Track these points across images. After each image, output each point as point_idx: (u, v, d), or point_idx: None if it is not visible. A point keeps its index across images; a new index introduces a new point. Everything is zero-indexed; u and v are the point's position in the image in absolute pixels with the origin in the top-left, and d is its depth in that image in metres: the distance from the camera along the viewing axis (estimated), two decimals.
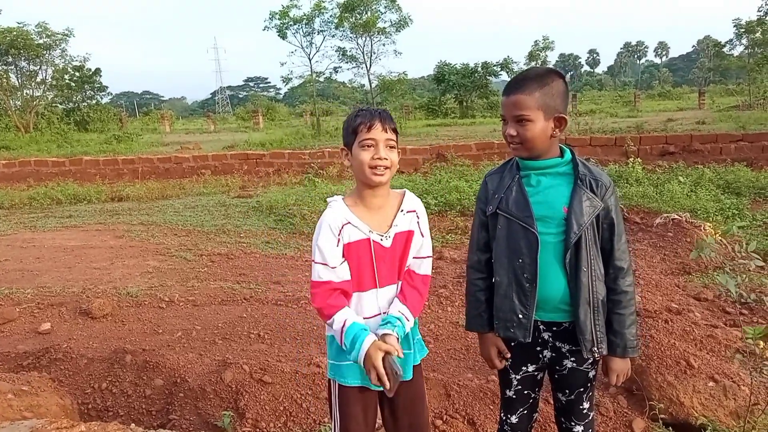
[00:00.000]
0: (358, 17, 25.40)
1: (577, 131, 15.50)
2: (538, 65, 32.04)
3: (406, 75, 29.63)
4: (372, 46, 26.89)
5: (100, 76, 34.45)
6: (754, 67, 27.38)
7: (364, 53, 27.01)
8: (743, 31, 28.62)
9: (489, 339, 2.01)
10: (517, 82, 1.84)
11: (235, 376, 3.24)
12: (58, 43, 29.30)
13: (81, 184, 13.52)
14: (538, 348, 1.95)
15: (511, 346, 1.98)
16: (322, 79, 30.69)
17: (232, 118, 45.95)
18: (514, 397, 2.05)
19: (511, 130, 1.84)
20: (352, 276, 1.88)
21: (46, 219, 9.82)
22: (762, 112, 20.85)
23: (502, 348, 1.99)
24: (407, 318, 1.91)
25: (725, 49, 36.31)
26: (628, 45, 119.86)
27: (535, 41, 45.33)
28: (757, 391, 2.83)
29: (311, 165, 13.71)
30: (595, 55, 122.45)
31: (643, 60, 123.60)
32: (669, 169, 10.68)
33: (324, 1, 24.86)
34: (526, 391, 2.04)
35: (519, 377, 2.01)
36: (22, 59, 28.94)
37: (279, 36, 25.01)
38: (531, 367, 2.00)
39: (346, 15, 25.02)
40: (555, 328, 1.91)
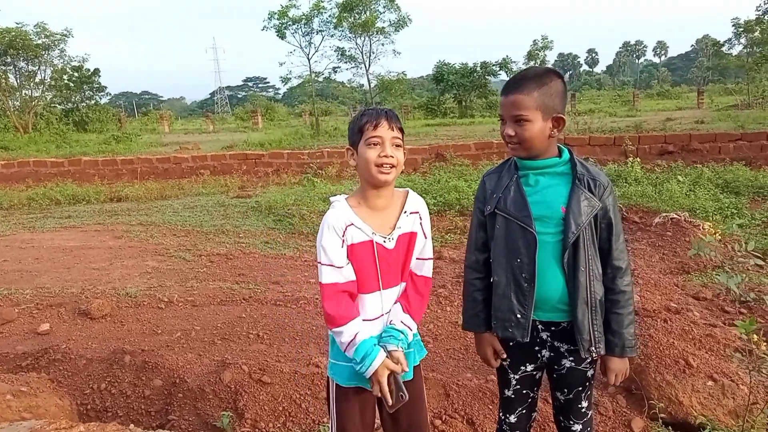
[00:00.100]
0: (357, 17, 25.41)
1: (576, 131, 15.50)
2: (536, 65, 32.05)
3: (405, 75, 29.71)
4: (371, 45, 26.97)
5: (99, 77, 34.45)
6: (753, 67, 27.40)
7: (363, 53, 27.07)
8: (742, 30, 28.62)
9: (485, 339, 2.02)
10: (515, 82, 1.84)
11: (234, 376, 3.24)
12: (57, 43, 29.27)
13: (80, 184, 13.49)
14: (537, 348, 1.95)
15: (510, 345, 1.98)
16: (321, 79, 30.70)
17: (231, 119, 45.95)
18: (513, 396, 2.05)
19: (510, 130, 1.84)
20: (356, 278, 1.88)
21: (44, 219, 9.81)
22: (761, 111, 20.87)
23: (498, 348, 2.00)
24: (410, 328, 1.93)
25: (724, 49, 36.35)
26: (626, 44, 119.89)
27: (534, 41, 45.31)
28: (755, 390, 2.83)
29: (310, 165, 13.70)
30: (593, 54, 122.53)
31: (641, 59, 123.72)
32: (668, 168, 10.68)
33: (323, 1, 24.87)
34: (524, 391, 2.04)
35: (518, 377, 2.02)
36: (21, 59, 28.93)
37: (278, 36, 25.02)
38: (529, 367, 2.00)
39: (345, 15, 25.03)
40: (553, 328, 1.91)
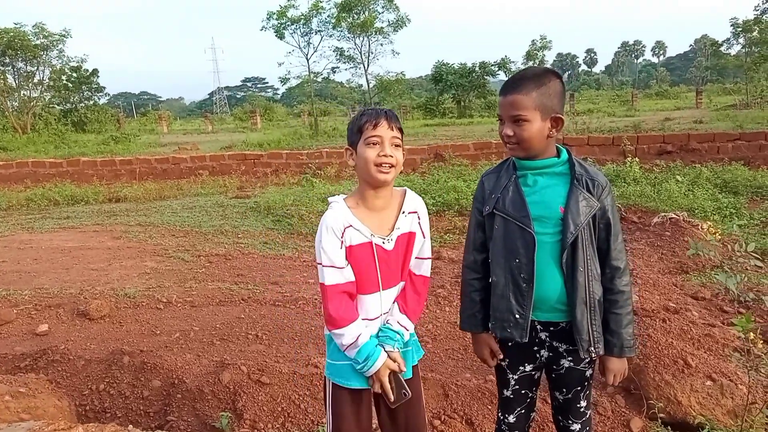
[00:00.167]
0: (356, 17, 25.39)
1: (575, 131, 15.51)
2: (535, 65, 32.07)
3: (404, 75, 29.66)
4: (370, 46, 26.91)
5: (98, 77, 34.43)
6: (751, 66, 27.44)
7: (361, 53, 27.03)
8: (740, 30, 28.63)
9: (482, 339, 2.03)
10: (514, 82, 1.84)
11: (232, 377, 3.24)
12: (56, 43, 29.21)
13: (78, 185, 13.46)
14: (535, 348, 1.95)
15: (508, 345, 1.98)
16: (319, 80, 30.66)
17: (230, 119, 45.95)
18: (512, 396, 2.05)
19: (508, 130, 1.84)
20: (356, 279, 1.88)
21: (43, 220, 9.79)
22: (759, 111, 20.90)
23: (495, 348, 2.00)
24: (407, 328, 1.95)
25: (722, 48, 36.30)
26: (625, 44, 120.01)
27: (533, 41, 45.28)
28: (754, 390, 2.84)
29: (309, 165, 13.69)
30: (592, 54, 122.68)
31: (640, 59, 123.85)
32: (666, 168, 10.68)
33: (321, 1, 24.85)
34: (523, 391, 2.04)
35: (516, 377, 2.02)
36: (19, 60, 28.87)
37: (276, 36, 24.99)
38: (528, 367, 2.00)
39: (344, 15, 25.00)
40: (552, 328, 1.91)
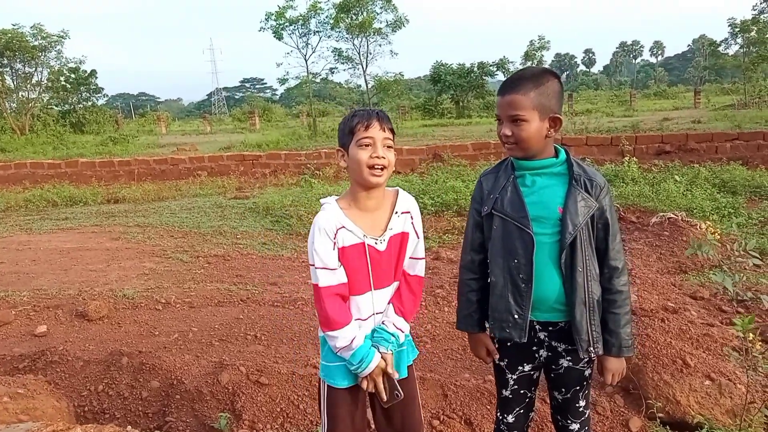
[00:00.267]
0: (354, 18, 25.41)
1: (573, 131, 15.53)
2: (534, 65, 32.10)
3: (403, 75, 29.68)
4: (368, 46, 26.94)
5: (96, 78, 34.50)
6: (749, 66, 27.53)
7: (360, 54, 27.05)
8: (738, 30, 28.74)
9: (478, 338, 2.05)
10: (512, 82, 1.84)
11: (231, 377, 3.24)
12: (54, 44, 29.25)
13: (77, 186, 13.46)
14: (534, 348, 1.95)
15: (507, 346, 1.98)
16: (318, 80, 30.74)
17: (229, 120, 45.99)
18: (511, 396, 2.05)
19: (506, 130, 1.84)
20: (348, 279, 1.88)
21: (41, 221, 9.78)
22: (757, 110, 20.95)
23: (491, 348, 2.02)
24: (402, 330, 1.96)
25: (720, 48, 36.43)
26: (623, 44, 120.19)
27: (531, 41, 45.46)
28: (753, 390, 2.84)
29: (308, 166, 13.69)
30: (590, 54, 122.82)
31: (638, 59, 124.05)
32: (665, 168, 10.68)
33: (320, 2, 24.88)
34: (522, 391, 2.04)
35: (515, 377, 2.02)
36: (18, 61, 28.91)
37: (275, 37, 25.03)
38: (527, 367, 2.00)
39: (342, 15, 25.02)
40: (551, 328, 1.91)
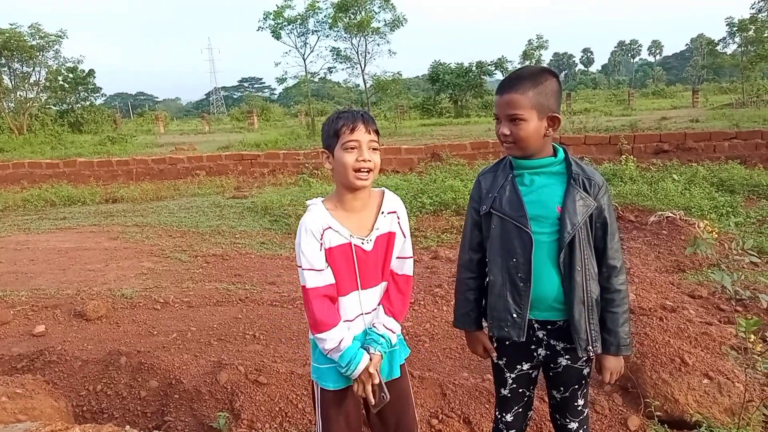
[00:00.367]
0: (352, 17, 25.38)
1: (572, 130, 15.55)
2: (532, 64, 32.09)
3: (401, 75, 29.70)
4: (366, 45, 26.90)
5: (94, 78, 34.39)
6: (747, 65, 27.57)
7: (358, 53, 27.01)
8: (736, 29, 28.77)
9: (475, 337, 2.07)
10: (510, 81, 1.84)
11: (230, 377, 3.23)
12: (52, 44, 29.17)
13: (75, 185, 13.45)
14: (533, 346, 1.95)
15: (506, 344, 1.99)
16: (316, 80, 30.68)
17: (227, 119, 45.92)
18: (509, 395, 2.05)
19: (505, 129, 1.84)
20: (335, 280, 1.88)
21: (40, 221, 9.77)
22: (755, 109, 20.99)
23: (488, 346, 2.03)
24: (393, 331, 1.96)
25: (718, 48, 36.50)
26: (621, 44, 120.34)
27: (529, 40, 45.51)
28: (751, 388, 2.85)
29: (306, 165, 13.69)
30: (589, 53, 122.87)
31: (636, 59, 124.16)
32: (663, 167, 10.69)
33: (318, 1, 24.86)
34: (521, 390, 2.04)
35: (514, 376, 2.02)
36: (15, 61, 28.82)
37: (273, 36, 25.01)
38: (526, 366, 2.00)
39: (340, 15, 24.99)
40: (549, 327, 1.92)
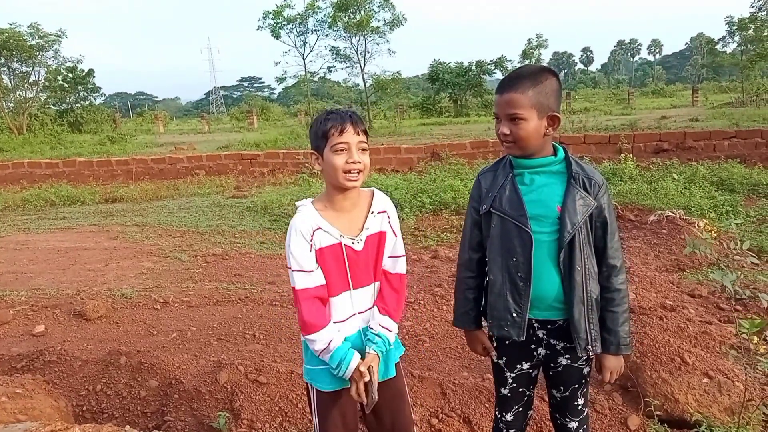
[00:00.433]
0: (352, 16, 25.38)
1: (571, 129, 15.54)
2: (531, 63, 32.11)
3: (401, 74, 29.67)
4: (366, 45, 26.90)
5: (94, 77, 34.38)
6: (747, 64, 27.56)
7: (357, 52, 27.01)
8: (736, 28, 28.78)
9: (474, 336, 2.07)
10: (510, 81, 1.83)
11: (230, 376, 3.23)
12: (51, 44, 29.15)
13: (75, 185, 13.44)
14: (533, 346, 1.95)
15: (506, 344, 1.98)
16: (316, 79, 30.72)
17: (227, 119, 45.88)
18: (509, 394, 2.05)
19: (505, 129, 1.83)
20: (326, 281, 1.88)
21: (39, 221, 9.77)
22: (755, 108, 20.98)
23: (488, 345, 2.03)
24: (389, 329, 1.95)
25: (718, 47, 36.51)
26: (621, 43, 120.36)
27: (529, 39, 45.58)
28: (751, 387, 2.85)
29: (306, 165, 13.67)
30: (588, 53, 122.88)
31: (636, 58, 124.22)
32: (663, 166, 10.68)
33: (317, 1, 24.86)
34: (521, 389, 2.04)
35: (514, 375, 2.02)
36: (15, 60, 28.80)
37: (272, 36, 25.06)
38: (526, 365, 2.00)
39: (340, 14, 25.00)
40: (549, 326, 1.92)
